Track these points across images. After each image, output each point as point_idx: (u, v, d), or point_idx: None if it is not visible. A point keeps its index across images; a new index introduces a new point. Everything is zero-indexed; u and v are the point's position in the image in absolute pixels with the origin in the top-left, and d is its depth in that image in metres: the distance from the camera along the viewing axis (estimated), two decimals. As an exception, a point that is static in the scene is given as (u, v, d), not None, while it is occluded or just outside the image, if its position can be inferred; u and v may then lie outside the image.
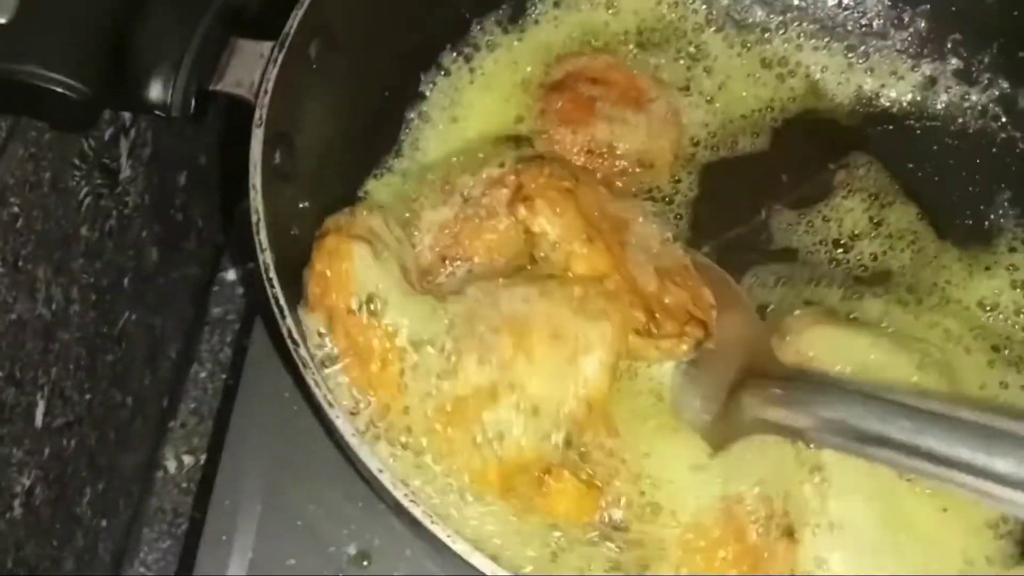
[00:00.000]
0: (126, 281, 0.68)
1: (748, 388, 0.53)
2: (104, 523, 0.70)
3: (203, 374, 0.82)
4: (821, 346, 0.56)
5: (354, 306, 0.49)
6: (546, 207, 0.54)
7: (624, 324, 0.52)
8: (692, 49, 0.69)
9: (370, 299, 0.49)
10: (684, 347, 0.55)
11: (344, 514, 0.60)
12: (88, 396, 0.65)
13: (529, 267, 0.55)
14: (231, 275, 0.84)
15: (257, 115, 0.49)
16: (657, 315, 0.53)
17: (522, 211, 0.54)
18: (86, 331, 0.63)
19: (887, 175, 0.67)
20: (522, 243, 0.55)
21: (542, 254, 0.54)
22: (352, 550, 0.60)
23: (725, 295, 0.58)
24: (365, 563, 0.60)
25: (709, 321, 0.56)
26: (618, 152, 0.63)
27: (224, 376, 0.81)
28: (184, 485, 0.77)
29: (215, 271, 0.84)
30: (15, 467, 0.56)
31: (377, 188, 0.62)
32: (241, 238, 0.84)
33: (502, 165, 0.58)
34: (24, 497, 0.58)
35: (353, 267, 0.49)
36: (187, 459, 0.79)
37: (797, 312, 0.59)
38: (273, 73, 0.50)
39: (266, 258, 0.45)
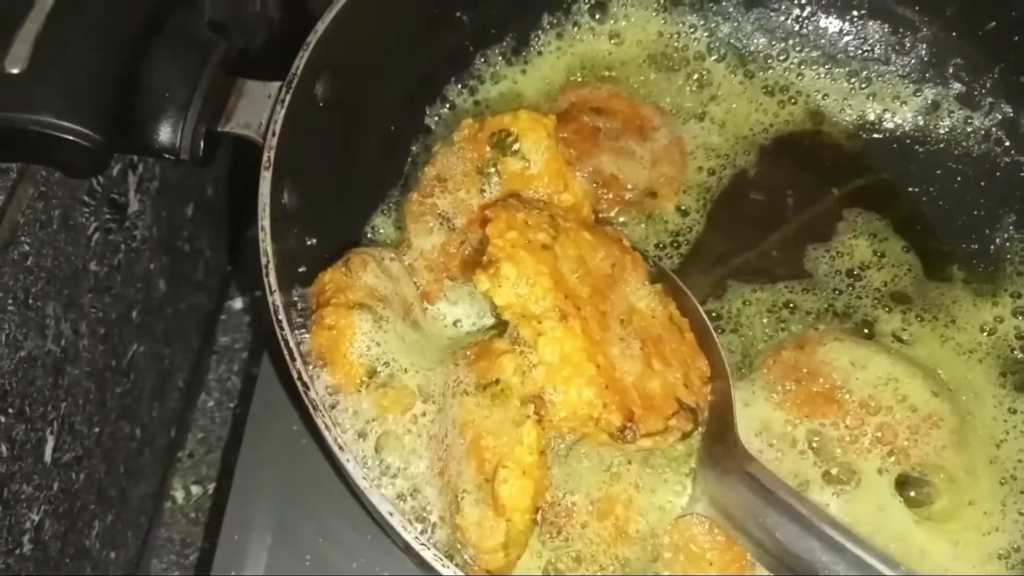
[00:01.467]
0: (134, 313, 0.68)
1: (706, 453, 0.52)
2: (113, 555, 0.70)
3: (211, 403, 0.82)
4: (840, 361, 0.56)
5: (359, 380, 0.48)
6: (513, 271, 0.46)
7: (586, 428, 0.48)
8: (695, 78, 0.70)
9: (372, 373, 0.48)
10: (670, 439, 0.50)
11: (353, 547, 0.60)
12: (97, 429, 0.65)
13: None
14: (238, 303, 0.84)
15: (265, 157, 0.49)
16: (636, 414, 0.48)
17: (484, 282, 0.47)
18: (95, 365, 0.63)
19: (890, 199, 0.67)
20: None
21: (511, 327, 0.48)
22: None
23: (709, 352, 0.55)
24: (374, 602, 0.60)
25: (702, 403, 0.52)
26: (623, 182, 0.64)
27: (232, 405, 0.81)
28: (192, 515, 0.77)
29: (222, 300, 0.84)
30: (24, 503, 0.56)
31: (384, 223, 0.63)
32: (247, 266, 0.85)
33: (482, 191, 0.54)
34: (33, 532, 0.58)
35: (354, 344, 0.48)
36: (195, 489, 0.79)
37: (820, 327, 0.59)
38: (281, 114, 0.50)
39: (275, 300, 0.46)
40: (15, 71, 0.43)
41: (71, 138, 0.44)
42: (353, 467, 0.42)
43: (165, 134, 0.48)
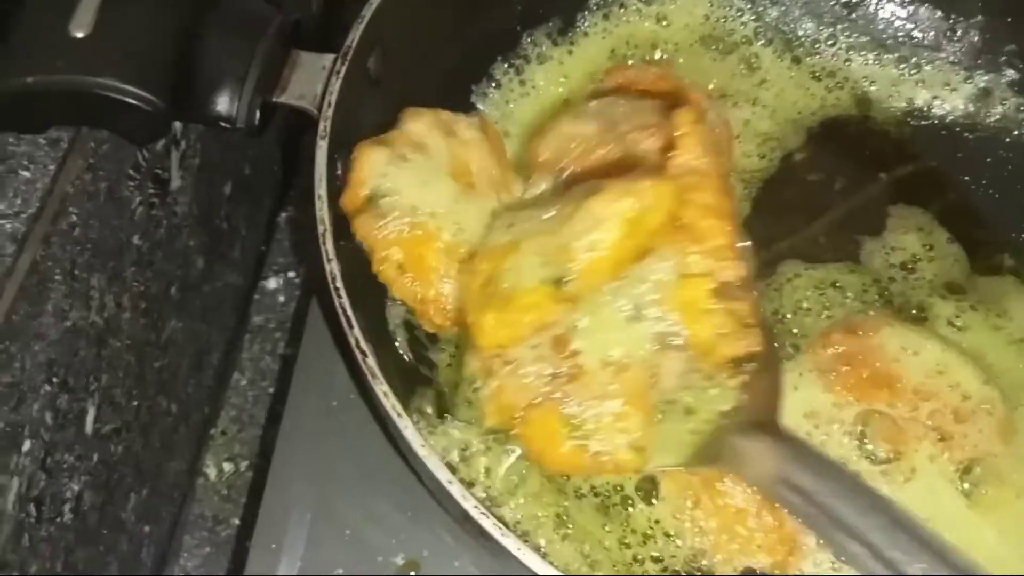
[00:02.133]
0: (173, 289, 0.68)
1: (744, 433, 0.51)
2: (147, 529, 0.70)
3: (243, 382, 0.82)
4: (892, 346, 0.56)
5: (360, 200, 0.50)
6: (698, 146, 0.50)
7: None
8: (742, 62, 0.69)
9: (372, 200, 0.50)
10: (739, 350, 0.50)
11: (393, 524, 0.60)
12: (136, 403, 0.65)
13: None
14: (272, 283, 0.84)
15: (321, 127, 0.49)
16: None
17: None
18: (135, 338, 0.63)
19: (939, 187, 0.66)
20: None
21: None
22: (400, 560, 0.60)
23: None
24: (413, 573, 0.60)
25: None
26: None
27: (264, 384, 0.81)
28: (224, 492, 0.77)
29: (257, 279, 0.84)
30: (66, 473, 0.56)
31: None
32: (282, 247, 0.85)
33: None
34: (74, 502, 0.58)
35: (361, 172, 0.51)
36: (227, 466, 0.79)
37: (871, 312, 0.58)
38: (336, 85, 0.50)
39: (333, 268, 0.45)
40: (80, 35, 0.43)
41: (134, 102, 0.44)
42: (411, 434, 0.42)
43: (223, 103, 0.48)
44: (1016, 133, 0.68)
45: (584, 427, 0.48)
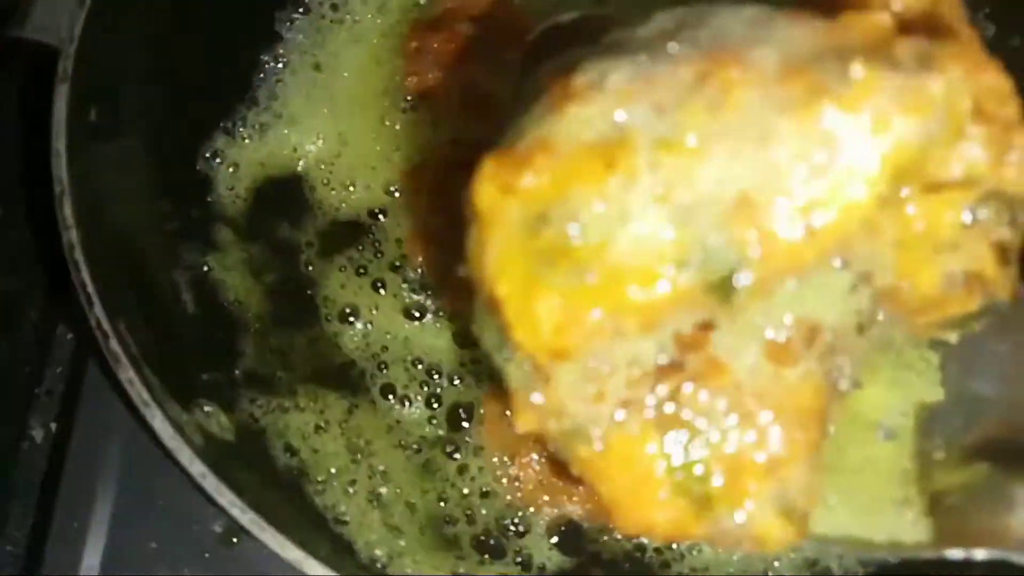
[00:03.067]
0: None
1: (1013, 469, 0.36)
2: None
3: (70, 335, 0.76)
4: None
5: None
6: None
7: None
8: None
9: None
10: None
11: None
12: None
13: None
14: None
15: (61, 67, 0.42)
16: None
17: None
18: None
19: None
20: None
21: None
22: (219, 528, 0.56)
23: None
24: (235, 539, 0.57)
25: None
26: (500, 98, 0.58)
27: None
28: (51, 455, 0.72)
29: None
30: None
31: (230, 145, 0.56)
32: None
33: None
34: None
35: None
36: (55, 427, 0.74)
37: None
38: (81, 16, 0.43)
39: (71, 237, 0.40)
40: None
41: None
42: (160, 424, 0.38)
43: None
44: None
45: (707, 467, 0.32)
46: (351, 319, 0.55)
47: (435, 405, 0.54)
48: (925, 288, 0.33)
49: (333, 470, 0.52)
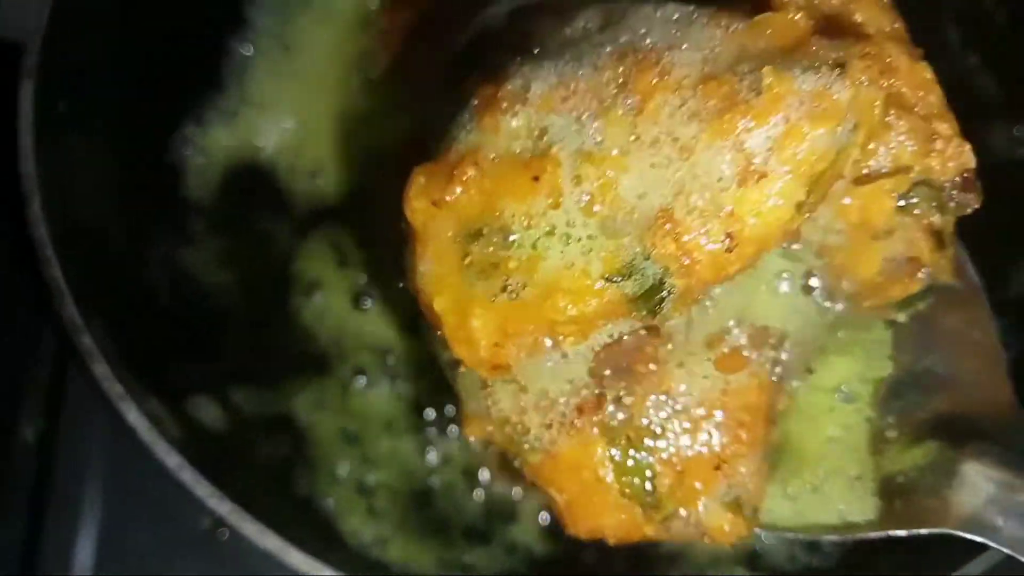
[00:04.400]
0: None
1: (971, 454, 0.35)
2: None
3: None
4: None
5: None
6: None
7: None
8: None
9: None
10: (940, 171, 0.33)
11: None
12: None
13: None
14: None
15: (27, 62, 0.42)
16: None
17: None
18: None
19: None
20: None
21: None
22: (208, 522, 0.56)
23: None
24: (224, 533, 0.56)
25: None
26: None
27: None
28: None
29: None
30: None
31: (200, 135, 0.56)
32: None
33: None
34: None
35: None
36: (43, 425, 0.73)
37: None
38: (46, 10, 0.42)
39: (42, 233, 0.39)
40: None
41: None
42: (136, 417, 0.38)
43: None
44: None
45: (654, 470, 0.32)
46: (331, 304, 0.55)
47: (421, 393, 0.54)
48: (866, 274, 0.34)
49: (319, 458, 0.52)
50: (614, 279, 0.31)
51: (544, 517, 0.52)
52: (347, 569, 0.39)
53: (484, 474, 0.53)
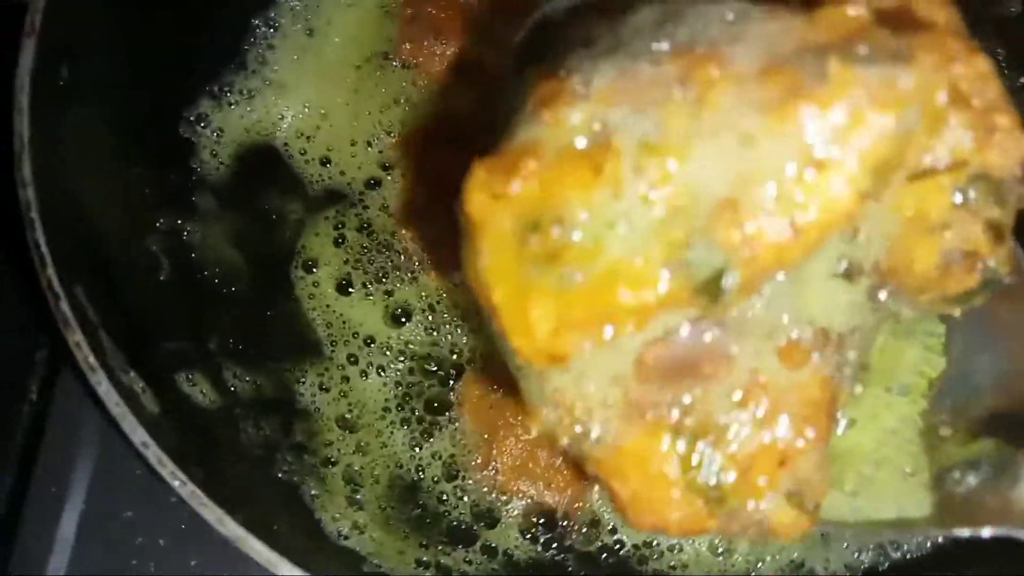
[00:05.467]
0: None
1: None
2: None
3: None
4: None
5: None
6: None
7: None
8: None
9: None
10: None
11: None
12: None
13: None
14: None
15: (29, 20, 0.41)
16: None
17: None
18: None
19: None
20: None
21: None
22: None
23: None
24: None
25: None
26: (490, 71, 0.56)
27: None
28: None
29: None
30: None
31: (215, 110, 0.55)
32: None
33: None
34: None
35: None
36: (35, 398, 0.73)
37: None
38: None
39: (28, 195, 0.38)
40: None
41: None
42: (106, 390, 0.36)
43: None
44: None
45: (719, 464, 0.33)
46: (333, 290, 0.53)
47: (414, 386, 0.52)
48: (922, 268, 0.34)
49: (306, 442, 0.51)
50: (676, 268, 0.31)
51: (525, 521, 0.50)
52: (319, 562, 0.36)
53: (473, 474, 0.51)
